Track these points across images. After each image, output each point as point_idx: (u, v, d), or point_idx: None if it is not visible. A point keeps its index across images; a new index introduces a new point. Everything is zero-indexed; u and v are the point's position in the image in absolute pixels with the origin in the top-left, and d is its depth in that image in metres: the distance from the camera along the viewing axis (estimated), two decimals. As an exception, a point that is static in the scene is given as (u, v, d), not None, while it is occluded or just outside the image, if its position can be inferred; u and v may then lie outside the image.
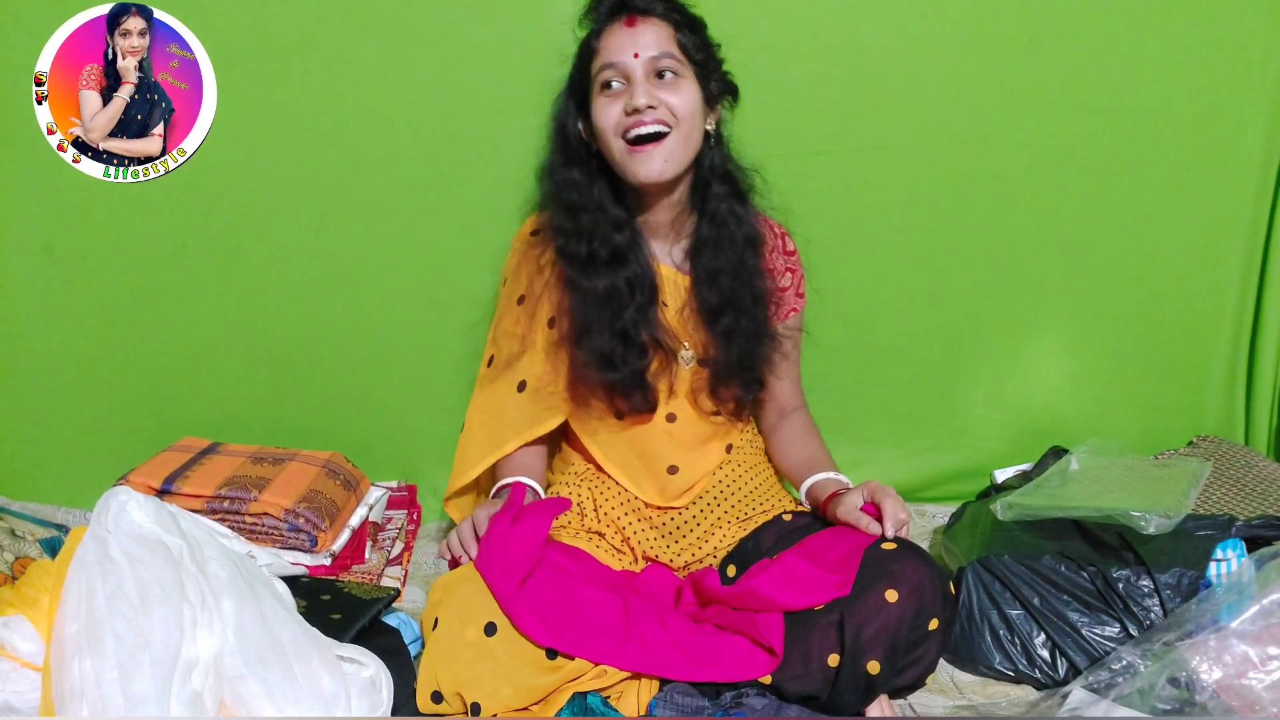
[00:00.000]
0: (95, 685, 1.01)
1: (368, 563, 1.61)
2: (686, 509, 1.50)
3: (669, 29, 1.38)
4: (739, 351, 1.45)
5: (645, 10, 1.38)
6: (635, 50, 1.35)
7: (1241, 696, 1.23)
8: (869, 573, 1.25)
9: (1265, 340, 1.87)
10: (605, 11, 1.40)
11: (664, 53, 1.36)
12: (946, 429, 1.88)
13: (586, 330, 1.43)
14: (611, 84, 1.36)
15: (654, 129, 1.35)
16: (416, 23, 1.59)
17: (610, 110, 1.36)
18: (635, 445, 1.50)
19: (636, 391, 1.44)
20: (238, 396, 1.75)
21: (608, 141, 1.38)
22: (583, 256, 1.43)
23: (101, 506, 1.15)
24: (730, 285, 1.44)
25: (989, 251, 1.79)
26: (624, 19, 1.37)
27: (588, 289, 1.43)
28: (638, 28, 1.36)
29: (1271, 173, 1.80)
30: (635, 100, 1.33)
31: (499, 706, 1.20)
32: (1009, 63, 1.69)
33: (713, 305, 1.45)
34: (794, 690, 1.25)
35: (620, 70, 1.35)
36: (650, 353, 1.44)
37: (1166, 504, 1.45)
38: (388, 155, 1.65)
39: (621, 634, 1.26)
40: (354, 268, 1.70)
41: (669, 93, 1.36)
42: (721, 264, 1.44)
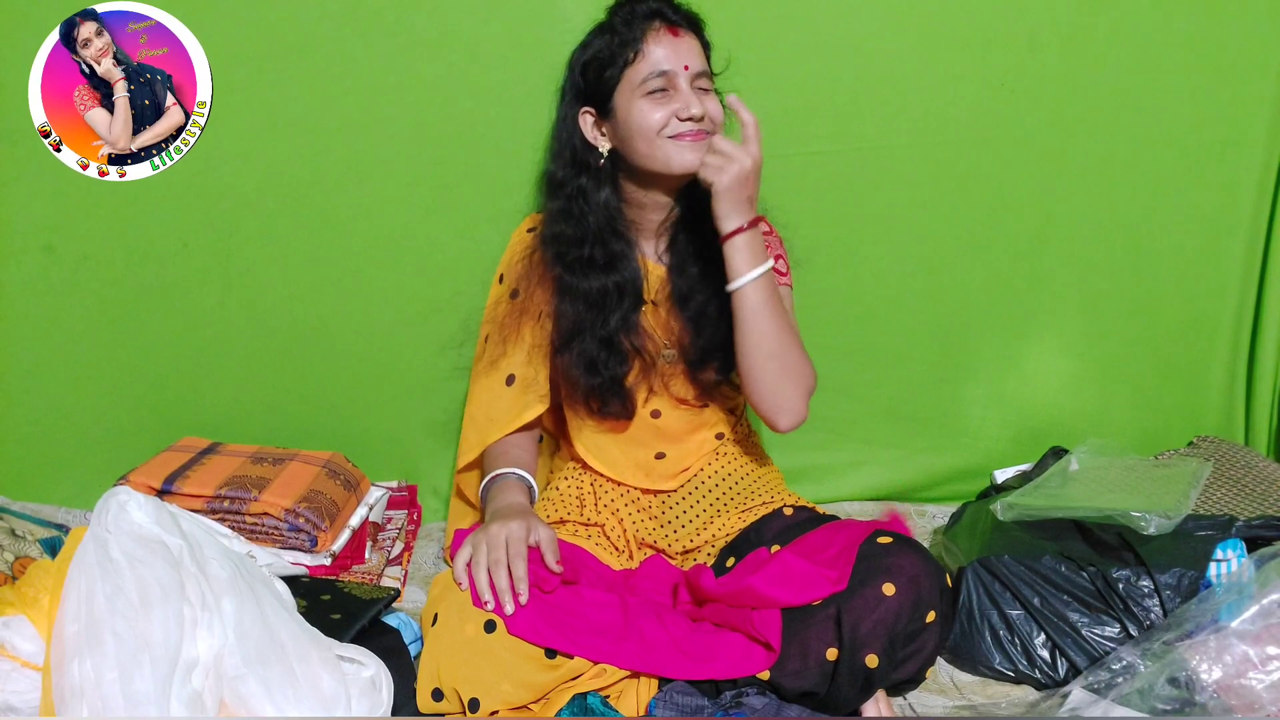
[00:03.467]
0: (95, 685, 1.01)
1: (368, 563, 1.61)
2: (678, 490, 1.52)
3: (698, 40, 1.43)
4: (708, 334, 1.47)
5: (681, 22, 1.42)
6: (685, 63, 1.39)
7: (1241, 696, 1.23)
8: (865, 566, 1.26)
9: (1265, 340, 1.87)
10: (641, 19, 1.41)
11: (703, 70, 1.42)
12: (946, 429, 1.88)
13: (575, 334, 1.46)
14: (659, 90, 1.39)
15: (699, 130, 1.40)
16: (417, 23, 1.59)
17: (657, 114, 1.39)
18: (620, 439, 1.53)
19: (615, 399, 1.48)
20: (238, 396, 1.75)
21: (647, 139, 1.40)
22: (581, 260, 1.45)
23: (101, 506, 1.15)
24: (698, 271, 1.47)
25: (989, 251, 1.80)
26: (668, 28, 1.40)
27: (580, 291, 1.46)
28: (681, 39, 1.40)
29: (1271, 173, 1.80)
30: (692, 109, 1.38)
31: (498, 703, 1.20)
32: (1009, 62, 1.69)
33: (683, 291, 1.48)
34: (792, 686, 1.25)
35: (670, 79, 1.39)
36: (631, 361, 1.48)
37: (1166, 504, 1.46)
38: (388, 155, 1.65)
39: (620, 632, 1.27)
40: (354, 268, 1.70)
41: (709, 101, 1.42)
42: (692, 251, 1.47)
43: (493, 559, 1.26)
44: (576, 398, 1.50)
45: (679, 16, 1.42)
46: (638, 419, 1.52)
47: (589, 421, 1.53)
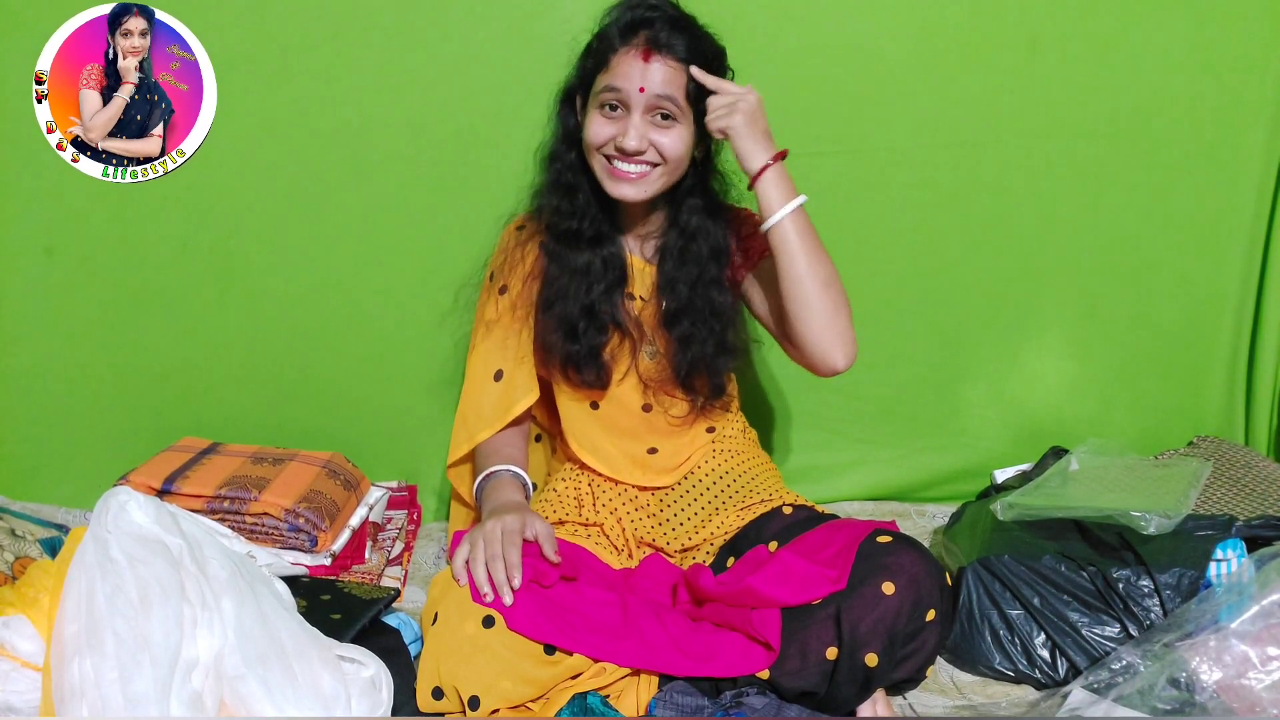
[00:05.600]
0: (95, 685, 1.01)
1: (368, 563, 1.61)
2: (675, 488, 1.52)
3: (681, 70, 1.35)
4: (693, 357, 1.47)
5: (666, 46, 1.34)
6: (643, 85, 1.33)
7: (1241, 697, 1.23)
8: (865, 566, 1.26)
9: (1265, 340, 1.87)
10: (624, 27, 1.36)
11: (668, 96, 1.34)
12: (946, 429, 1.88)
13: (559, 297, 1.46)
14: (611, 106, 1.36)
15: (640, 168, 1.37)
16: (416, 24, 1.59)
17: (602, 130, 1.37)
18: (611, 432, 1.53)
19: (590, 366, 1.47)
20: (238, 397, 1.75)
21: (590, 151, 1.40)
22: (571, 232, 1.46)
23: (101, 506, 1.15)
24: (688, 295, 1.46)
25: (989, 252, 1.80)
26: (641, 50, 1.33)
27: (567, 260, 1.46)
28: (651, 64, 1.33)
29: (1271, 173, 1.80)
30: (626, 142, 1.34)
31: (498, 700, 1.20)
32: (1009, 64, 1.69)
33: (671, 311, 1.48)
34: (791, 685, 1.25)
35: (622, 97, 1.34)
36: (610, 333, 1.48)
37: (1166, 504, 1.45)
38: (388, 156, 1.65)
39: (619, 630, 1.27)
40: (354, 268, 1.70)
41: (661, 133, 1.35)
42: (682, 274, 1.46)
43: (489, 554, 1.27)
44: (553, 363, 1.49)
45: (667, 41, 1.34)
46: (628, 412, 1.51)
47: (581, 407, 1.52)
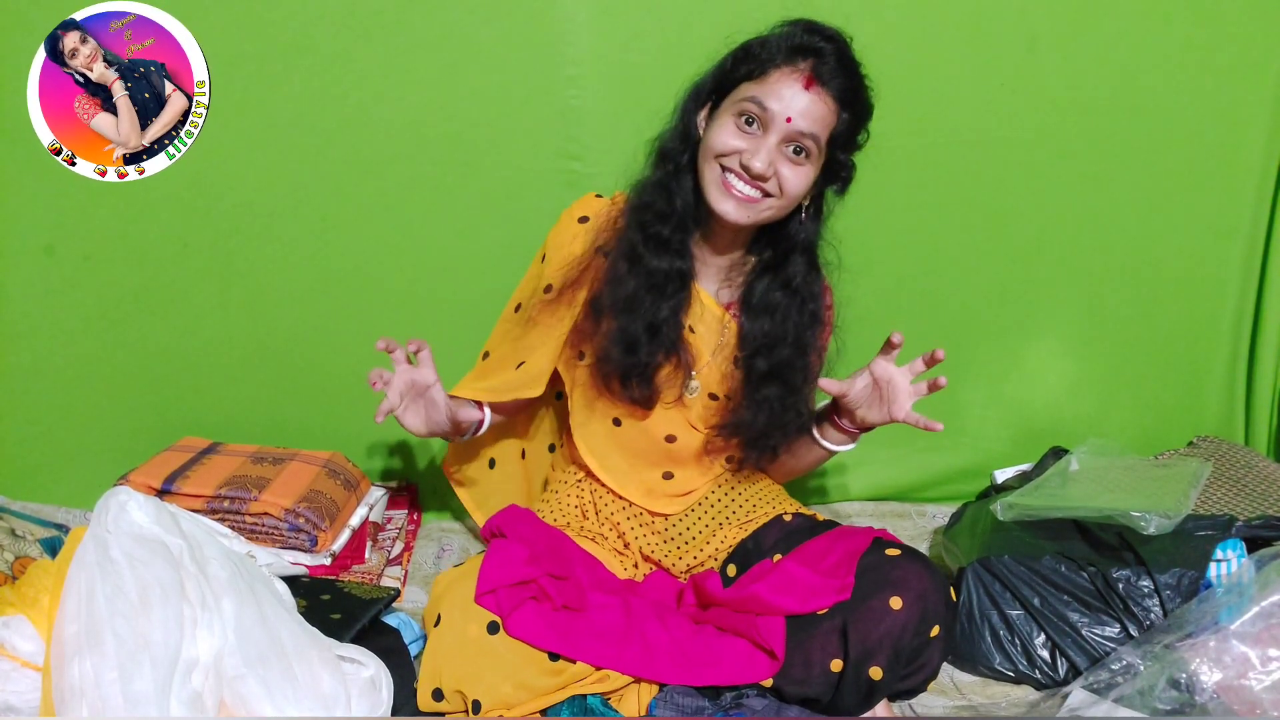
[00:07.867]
0: (95, 685, 1.01)
1: (368, 563, 1.61)
2: (686, 516, 1.50)
3: (834, 110, 1.29)
4: (765, 421, 1.41)
5: (827, 81, 1.28)
6: (792, 114, 1.27)
7: (1241, 698, 1.23)
8: (871, 578, 1.25)
9: (1265, 340, 1.88)
10: (794, 46, 1.28)
11: (812, 134, 1.28)
12: (946, 429, 1.86)
13: (626, 308, 1.38)
14: (749, 120, 1.29)
15: (754, 192, 1.31)
16: (418, 23, 1.59)
17: (731, 141, 1.29)
18: (629, 454, 1.50)
19: (641, 385, 1.41)
20: (238, 396, 1.75)
21: (707, 155, 1.32)
22: (659, 238, 1.38)
23: (101, 506, 1.15)
24: (788, 356, 1.40)
25: (989, 252, 1.80)
26: (805, 76, 1.27)
27: (647, 265, 1.37)
28: (811, 93, 1.27)
29: (1271, 173, 1.80)
30: (754, 162, 1.27)
31: (500, 704, 1.20)
32: (1009, 63, 1.69)
33: (762, 371, 1.40)
34: (795, 692, 1.25)
35: (767, 116, 1.27)
36: (669, 355, 1.41)
37: (1166, 504, 1.45)
38: (389, 155, 1.65)
39: (622, 635, 1.26)
40: (355, 268, 1.70)
41: (790, 167, 1.29)
42: (784, 333, 1.40)
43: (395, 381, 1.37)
44: (607, 370, 1.42)
45: (831, 77, 1.28)
46: (650, 438, 1.47)
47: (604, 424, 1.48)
